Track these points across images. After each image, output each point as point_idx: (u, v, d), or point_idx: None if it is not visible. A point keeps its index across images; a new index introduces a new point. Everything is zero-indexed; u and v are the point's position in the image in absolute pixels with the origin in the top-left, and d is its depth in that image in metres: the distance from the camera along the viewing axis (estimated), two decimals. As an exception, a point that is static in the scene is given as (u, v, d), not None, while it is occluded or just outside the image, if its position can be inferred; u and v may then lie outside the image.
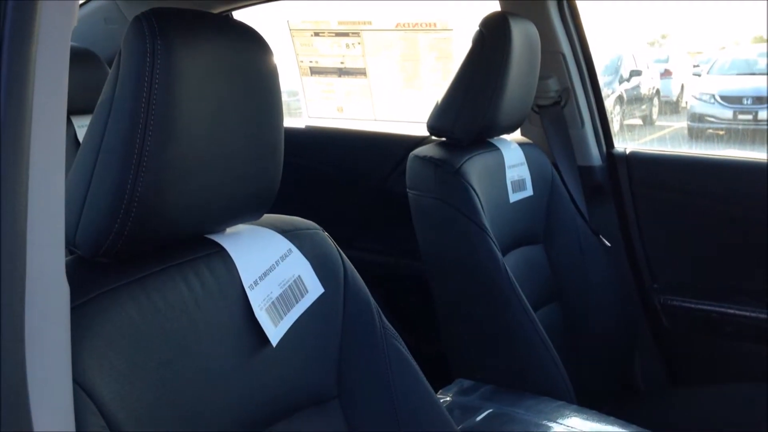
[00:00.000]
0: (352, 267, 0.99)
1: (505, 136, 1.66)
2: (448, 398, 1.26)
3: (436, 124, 1.53)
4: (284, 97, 1.27)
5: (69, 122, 1.38)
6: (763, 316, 1.68)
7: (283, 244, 0.90)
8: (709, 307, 1.74)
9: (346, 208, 2.09)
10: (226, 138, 0.73)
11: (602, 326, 1.65)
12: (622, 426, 1.14)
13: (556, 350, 1.39)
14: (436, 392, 1.03)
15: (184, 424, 0.70)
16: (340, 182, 2.13)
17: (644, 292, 1.83)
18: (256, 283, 0.84)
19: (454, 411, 1.18)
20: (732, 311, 1.71)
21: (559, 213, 1.68)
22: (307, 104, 2.39)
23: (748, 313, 1.70)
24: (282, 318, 0.85)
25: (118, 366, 0.65)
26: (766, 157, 1.73)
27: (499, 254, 1.39)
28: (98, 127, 0.67)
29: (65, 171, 0.58)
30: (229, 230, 0.86)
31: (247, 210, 0.84)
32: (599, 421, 1.16)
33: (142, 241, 0.71)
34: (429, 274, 1.50)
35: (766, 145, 5.54)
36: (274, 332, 0.84)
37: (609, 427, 1.13)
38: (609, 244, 1.75)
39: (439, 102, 1.54)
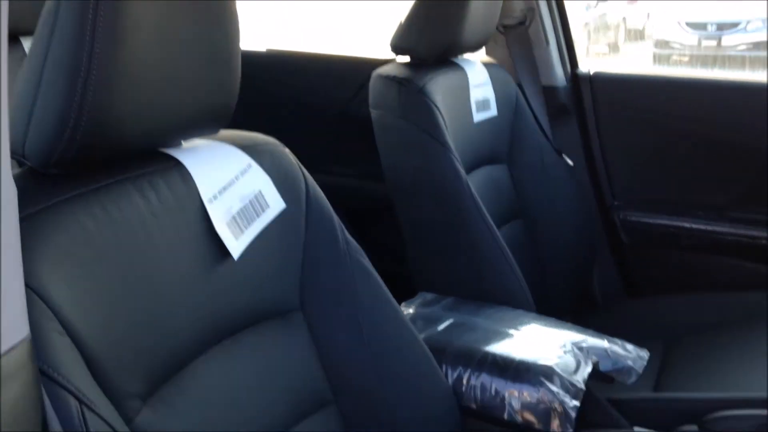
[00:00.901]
0: (314, 183, 0.99)
1: (469, 56, 1.65)
2: (410, 310, 1.29)
3: (399, 42, 1.52)
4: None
5: (18, 43, 1.34)
6: (717, 228, 1.74)
7: (243, 158, 0.90)
8: (666, 222, 1.80)
9: (309, 132, 2.07)
10: (179, 46, 0.72)
11: (563, 242, 1.69)
12: (578, 330, 1.19)
13: (518, 266, 1.42)
14: (399, 305, 1.05)
15: (146, 332, 0.71)
16: (302, 106, 2.11)
17: (604, 209, 1.87)
18: (215, 197, 0.84)
19: (416, 322, 1.22)
20: (688, 225, 1.77)
21: (522, 133, 1.70)
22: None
23: (703, 227, 1.76)
24: (243, 232, 0.86)
25: (74, 274, 0.66)
26: (724, 78, 1.76)
27: (463, 172, 1.41)
28: (44, 33, 0.66)
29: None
30: (185, 145, 0.86)
31: (203, 124, 0.84)
32: (557, 326, 1.21)
33: (94, 151, 0.70)
34: (393, 194, 1.51)
35: (727, 69, 5.61)
36: (236, 246, 0.85)
37: (566, 331, 1.18)
38: (571, 163, 1.77)
39: (403, 20, 1.52)
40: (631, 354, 1.16)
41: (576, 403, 1.03)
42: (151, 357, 0.70)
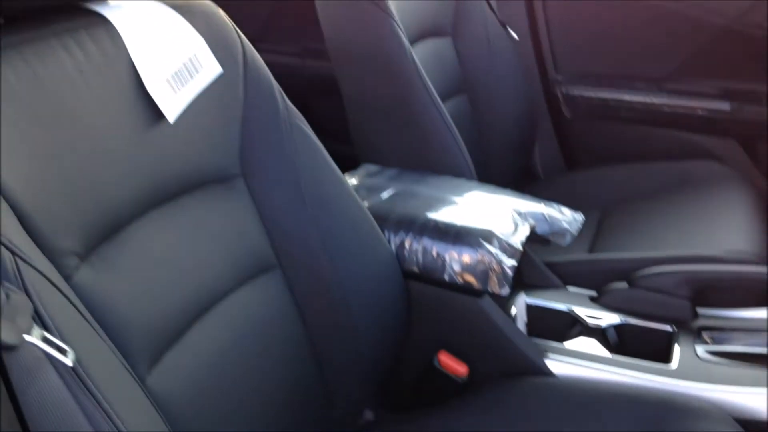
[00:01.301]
0: (251, 47, 0.96)
1: None
2: (354, 181, 1.30)
3: None
4: None
5: None
6: (655, 100, 1.77)
7: (175, 19, 0.86)
8: (606, 95, 1.82)
9: (251, 8, 1.99)
10: None
11: (506, 116, 1.70)
12: (518, 196, 1.22)
13: (463, 140, 1.43)
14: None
15: (79, 190, 0.70)
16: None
17: (547, 83, 1.88)
18: (146, 57, 0.81)
19: (360, 191, 1.23)
20: (628, 98, 1.80)
21: (467, 5, 1.66)
22: None
23: (642, 99, 1.79)
24: (176, 94, 0.84)
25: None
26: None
27: (407, 42, 1.38)
28: None
29: None
30: (112, 2, 0.82)
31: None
32: (497, 192, 1.24)
33: (11, 2, 0.66)
34: (336, 68, 1.48)
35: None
36: (170, 108, 0.83)
37: (505, 197, 1.21)
38: (516, 37, 1.76)
39: None
40: (566, 217, 1.20)
41: (513, 263, 1.07)
42: (85, 215, 0.70)
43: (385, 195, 1.22)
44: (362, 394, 1.07)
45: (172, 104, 0.83)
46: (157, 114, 0.81)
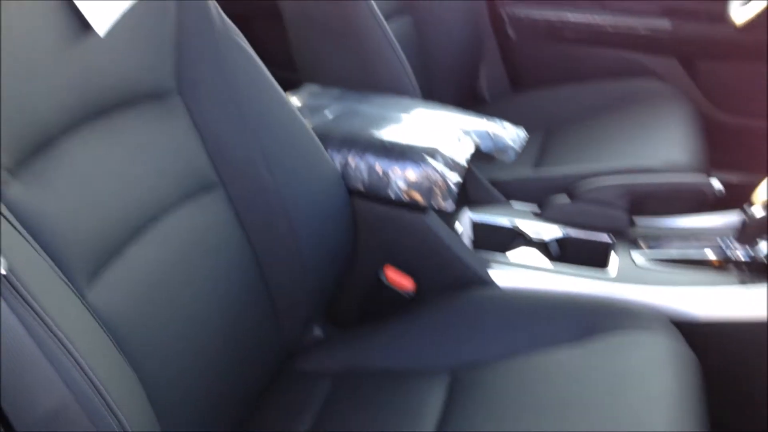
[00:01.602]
0: None
1: None
2: (296, 101, 1.28)
3: None
4: None
5: None
6: (599, 20, 1.78)
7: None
8: (551, 16, 1.82)
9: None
10: None
11: (451, 38, 1.69)
12: (462, 114, 1.22)
13: (408, 62, 1.42)
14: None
15: (3, 105, 0.68)
16: None
17: (492, 5, 1.87)
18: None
19: (303, 111, 1.21)
20: (572, 18, 1.80)
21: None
22: None
23: (586, 19, 1.79)
24: (105, 4, 0.80)
25: None
26: None
27: (348, -39, 1.35)
28: None
29: None
30: None
31: None
32: (440, 108, 1.24)
33: None
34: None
35: None
36: (98, 19, 0.79)
37: (449, 115, 1.21)
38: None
39: None
40: (510, 133, 1.21)
41: (458, 179, 1.08)
42: (11, 128, 0.67)
43: (328, 114, 1.21)
44: (310, 311, 1.08)
45: (100, 15, 0.79)
46: (85, 26, 0.78)
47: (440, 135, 1.14)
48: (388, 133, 1.13)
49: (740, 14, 1.37)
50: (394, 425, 0.93)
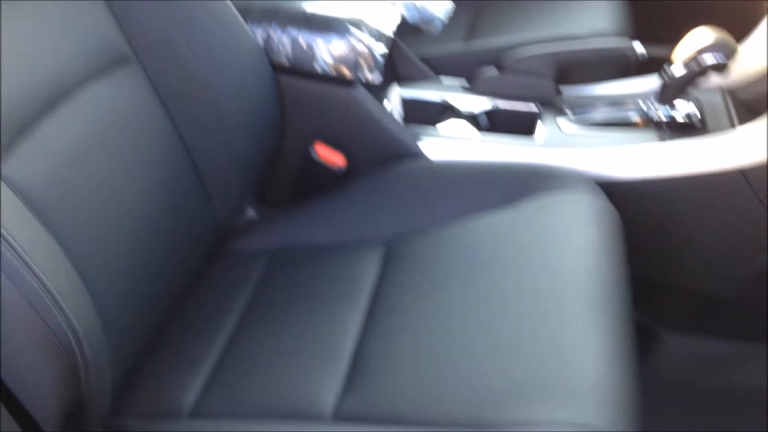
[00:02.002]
0: None
1: None
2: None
3: None
4: None
5: None
6: None
7: None
8: None
9: None
10: None
11: None
12: None
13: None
14: None
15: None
16: None
17: None
18: None
19: None
20: None
21: None
22: None
23: None
24: None
25: None
26: None
27: None
28: None
29: None
30: None
31: None
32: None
33: None
34: None
35: None
36: None
37: None
38: None
39: None
40: (436, 4, 1.19)
41: (384, 50, 1.06)
42: None
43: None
44: (241, 192, 1.07)
45: None
46: None
47: (365, 6, 1.11)
48: (310, 5, 1.09)
49: None
50: (332, 296, 0.95)
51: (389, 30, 1.09)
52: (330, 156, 1.11)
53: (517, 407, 0.71)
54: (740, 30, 1.20)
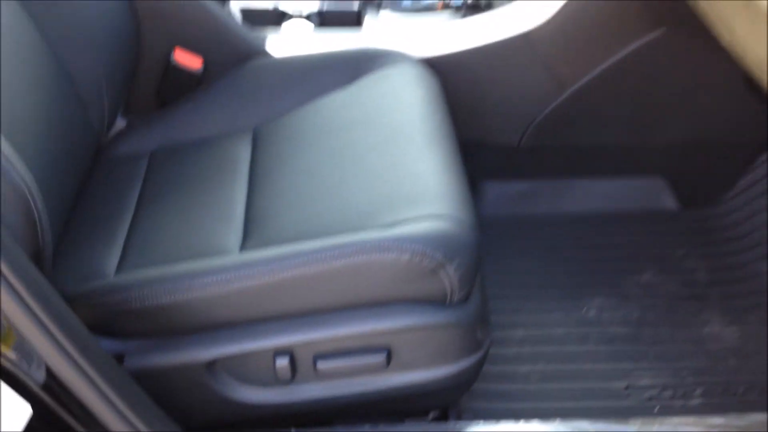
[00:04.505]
0: None
1: None
2: None
3: None
4: None
5: None
6: None
7: None
8: None
9: None
10: None
11: None
12: None
13: None
14: None
15: None
16: None
17: None
18: None
19: None
20: None
21: None
22: None
23: None
24: None
25: None
26: None
27: None
28: None
29: None
30: None
31: None
32: None
33: None
34: None
35: None
36: None
37: None
38: None
39: None
40: None
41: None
42: None
43: None
44: (112, 100, 1.16)
45: None
46: None
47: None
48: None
49: None
50: (216, 174, 1.10)
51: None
52: (188, 60, 1.24)
53: (389, 212, 0.92)
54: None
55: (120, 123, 1.26)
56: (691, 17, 1.04)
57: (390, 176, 0.99)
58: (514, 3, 1.32)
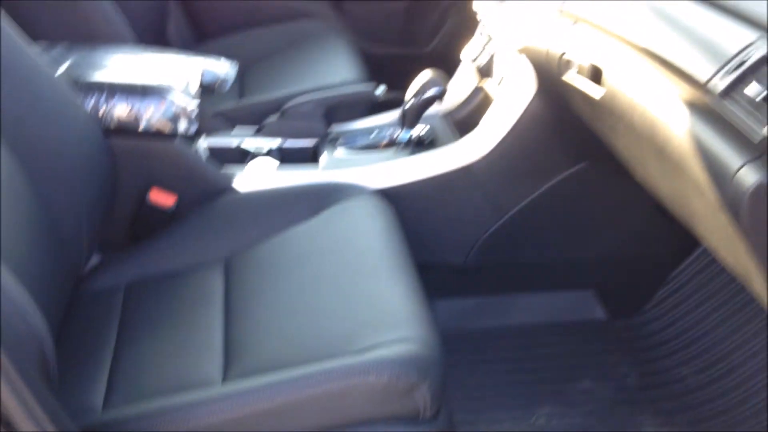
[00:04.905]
0: None
1: None
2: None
3: None
4: None
5: None
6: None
7: None
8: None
9: None
10: None
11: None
12: (178, 54, 1.45)
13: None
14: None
15: None
16: None
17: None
18: None
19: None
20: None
21: None
22: None
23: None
24: None
25: None
26: None
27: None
28: None
29: None
30: None
31: None
32: (162, 53, 1.45)
33: None
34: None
35: None
36: None
37: (171, 56, 1.43)
38: None
39: None
40: (224, 66, 1.48)
41: (195, 107, 1.33)
42: None
43: (64, 67, 1.34)
44: (89, 237, 1.22)
45: None
46: None
47: (172, 72, 1.36)
48: (128, 77, 1.32)
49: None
50: (192, 306, 1.17)
51: (195, 90, 1.35)
52: (162, 198, 1.33)
53: (363, 337, 1.01)
54: (449, 69, 1.68)
55: (94, 258, 1.32)
56: (609, 154, 1.22)
57: (360, 302, 1.09)
58: (459, 140, 1.48)
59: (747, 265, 0.86)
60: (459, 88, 1.65)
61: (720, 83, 0.82)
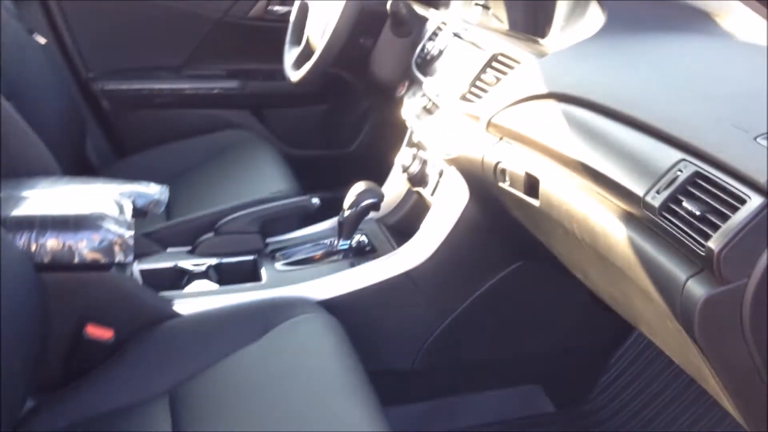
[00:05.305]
0: None
1: None
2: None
3: None
4: None
5: None
6: (179, 86, 2.11)
7: None
8: (139, 86, 2.08)
9: None
10: None
11: (52, 115, 1.81)
12: (108, 181, 1.42)
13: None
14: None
15: None
16: None
17: (81, 81, 2.04)
18: None
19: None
20: (157, 86, 2.09)
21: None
22: None
23: (168, 86, 2.10)
24: None
25: None
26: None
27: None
28: None
29: None
30: None
31: None
32: (88, 182, 1.41)
33: None
34: None
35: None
36: None
37: (99, 185, 1.39)
38: (43, 41, 1.86)
39: None
40: (155, 190, 1.45)
41: (131, 234, 1.29)
42: None
43: (-11, 203, 1.28)
44: (23, 383, 1.15)
45: None
46: None
47: (103, 201, 1.32)
48: (58, 209, 1.27)
49: (294, 75, 1.84)
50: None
51: (129, 216, 1.32)
52: (99, 332, 1.27)
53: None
54: (373, 168, 1.72)
55: (28, 402, 1.23)
56: (544, 252, 1.27)
57: (320, 426, 1.07)
58: (397, 248, 1.51)
59: (699, 366, 0.89)
60: (390, 193, 1.69)
61: (658, 197, 0.87)
